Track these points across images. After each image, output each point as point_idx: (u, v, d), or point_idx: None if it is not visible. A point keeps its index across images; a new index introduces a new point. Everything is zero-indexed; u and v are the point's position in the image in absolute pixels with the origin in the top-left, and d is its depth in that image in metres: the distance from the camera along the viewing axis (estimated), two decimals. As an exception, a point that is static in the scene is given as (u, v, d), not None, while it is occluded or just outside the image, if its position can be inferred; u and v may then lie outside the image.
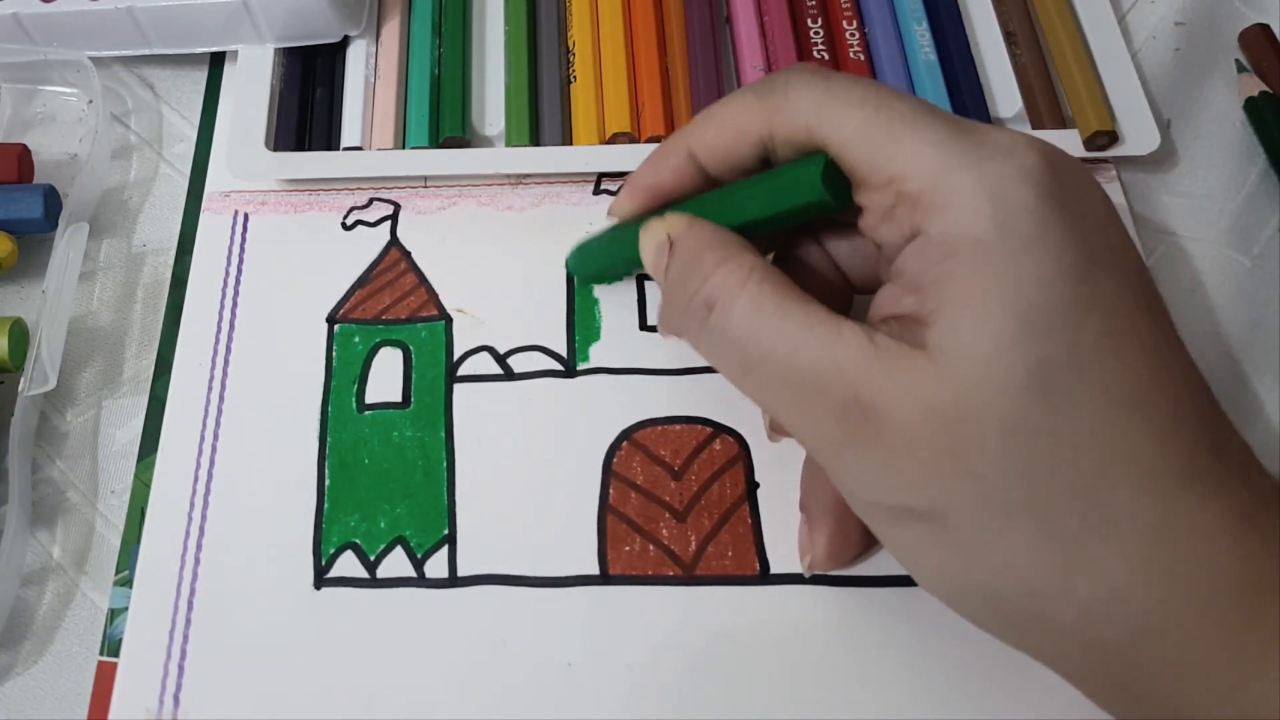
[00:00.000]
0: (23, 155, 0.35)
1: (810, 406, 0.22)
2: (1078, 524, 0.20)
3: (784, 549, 0.29)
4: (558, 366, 0.32)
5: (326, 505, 0.30)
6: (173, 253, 0.35)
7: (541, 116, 0.36)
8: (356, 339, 0.33)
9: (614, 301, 0.33)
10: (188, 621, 0.29)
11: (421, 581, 0.29)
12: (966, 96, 0.35)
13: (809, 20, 0.37)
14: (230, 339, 0.33)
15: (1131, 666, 0.20)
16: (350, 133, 0.35)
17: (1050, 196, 0.20)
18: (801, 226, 0.27)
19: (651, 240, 0.26)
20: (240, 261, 0.34)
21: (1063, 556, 0.20)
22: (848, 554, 0.28)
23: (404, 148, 0.35)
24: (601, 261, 0.32)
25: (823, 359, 0.21)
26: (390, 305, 0.33)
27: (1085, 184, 0.22)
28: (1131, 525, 0.19)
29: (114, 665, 0.28)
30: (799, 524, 0.28)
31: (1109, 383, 0.20)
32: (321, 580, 0.29)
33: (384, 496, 0.30)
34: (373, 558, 0.29)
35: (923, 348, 0.20)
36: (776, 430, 0.30)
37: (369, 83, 0.36)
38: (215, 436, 0.31)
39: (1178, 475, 0.19)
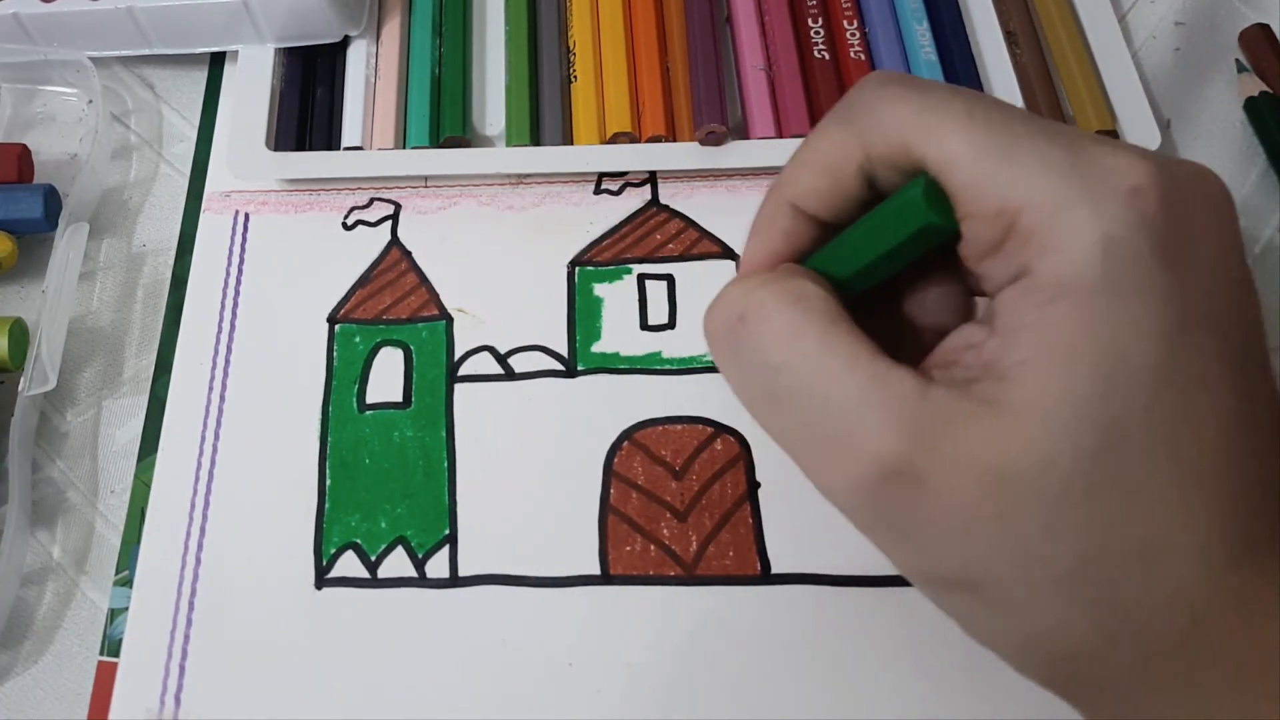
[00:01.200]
0: (23, 155, 0.35)
1: (837, 454, 0.20)
2: (1124, 599, 0.19)
3: (785, 549, 0.29)
4: (559, 366, 0.32)
5: (327, 505, 0.30)
6: (173, 253, 0.35)
7: (542, 116, 0.36)
8: (357, 339, 0.33)
9: (615, 301, 0.33)
10: (188, 621, 0.29)
11: (422, 581, 0.29)
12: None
13: (809, 20, 0.37)
14: (231, 339, 0.33)
15: None
16: (351, 133, 0.35)
17: (1163, 246, 0.18)
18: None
19: None
20: (241, 261, 0.34)
21: (1108, 628, 0.19)
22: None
23: (404, 147, 0.35)
24: None
25: (862, 402, 0.19)
26: (391, 305, 0.33)
27: (1205, 223, 0.19)
28: (1173, 601, 0.19)
29: (114, 665, 0.28)
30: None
31: (1176, 451, 0.18)
32: (322, 580, 0.29)
33: (385, 496, 0.30)
34: (374, 558, 0.29)
35: (991, 403, 0.19)
36: None
37: (369, 82, 0.36)
38: (216, 436, 0.31)
39: (1228, 554, 0.19)
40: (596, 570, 0.29)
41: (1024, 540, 0.19)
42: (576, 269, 0.34)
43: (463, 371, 0.32)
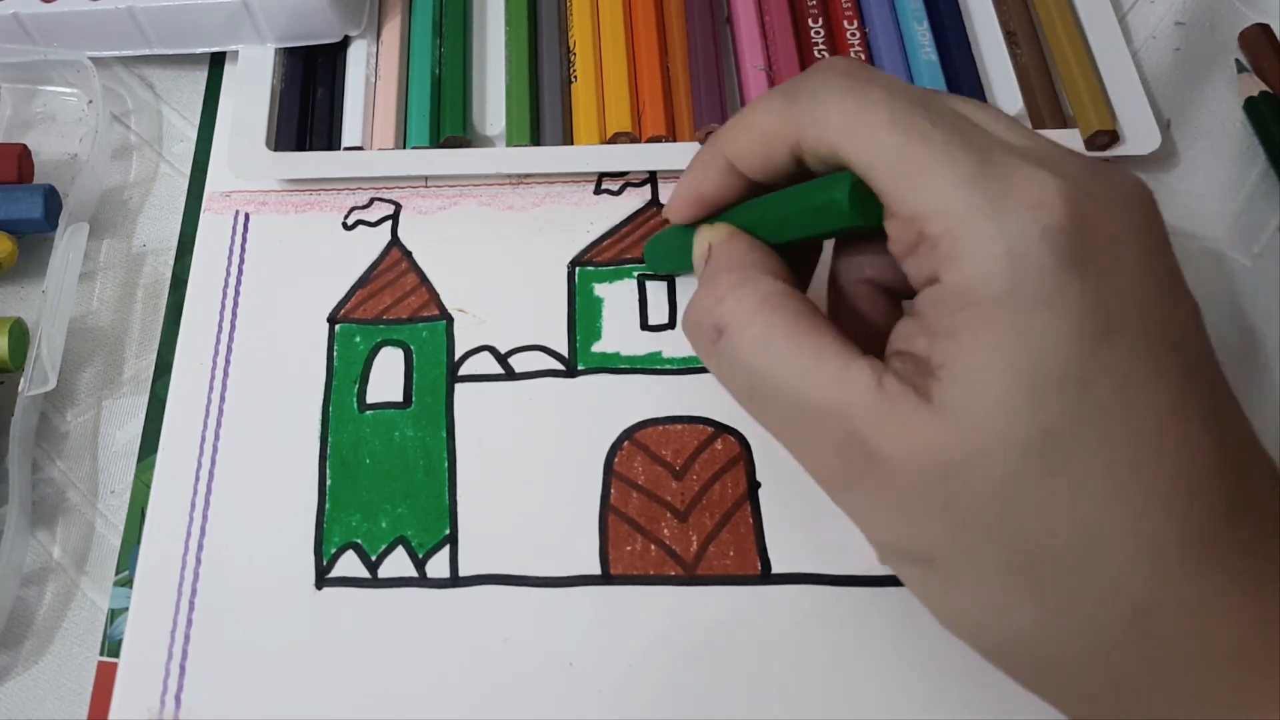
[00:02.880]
0: (23, 155, 0.35)
1: (814, 441, 0.22)
2: (1067, 591, 0.20)
3: (785, 549, 0.29)
4: (559, 366, 0.32)
5: (328, 505, 0.30)
6: (173, 253, 0.35)
7: (542, 116, 0.36)
8: (357, 339, 0.33)
9: (615, 301, 0.33)
10: (189, 622, 0.28)
11: (423, 581, 0.29)
12: (967, 96, 0.35)
13: (809, 20, 0.37)
14: (231, 339, 0.33)
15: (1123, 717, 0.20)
16: (351, 133, 0.35)
17: (1071, 256, 0.19)
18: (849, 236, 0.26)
19: (698, 248, 0.26)
20: (241, 261, 0.34)
21: (1054, 617, 0.20)
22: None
23: (405, 147, 0.35)
24: (668, 255, 0.31)
25: (827, 396, 0.21)
26: (391, 305, 0.33)
27: (1122, 229, 0.20)
28: (1120, 595, 0.19)
29: (114, 665, 0.28)
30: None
31: (1113, 450, 0.19)
32: (323, 580, 0.29)
33: (385, 496, 0.30)
34: (374, 558, 0.29)
35: (928, 400, 0.20)
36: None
37: (370, 82, 0.36)
38: (216, 436, 0.31)
39: (1177, 545, 0.19)
40: (597, 570, 0.29)
41: (968, 528, 0.20)
42: (577, 269, 0.34)
43: (463, 371, 0.32)
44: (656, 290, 0.33)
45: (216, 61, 0.39)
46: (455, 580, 0.29)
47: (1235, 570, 0.19)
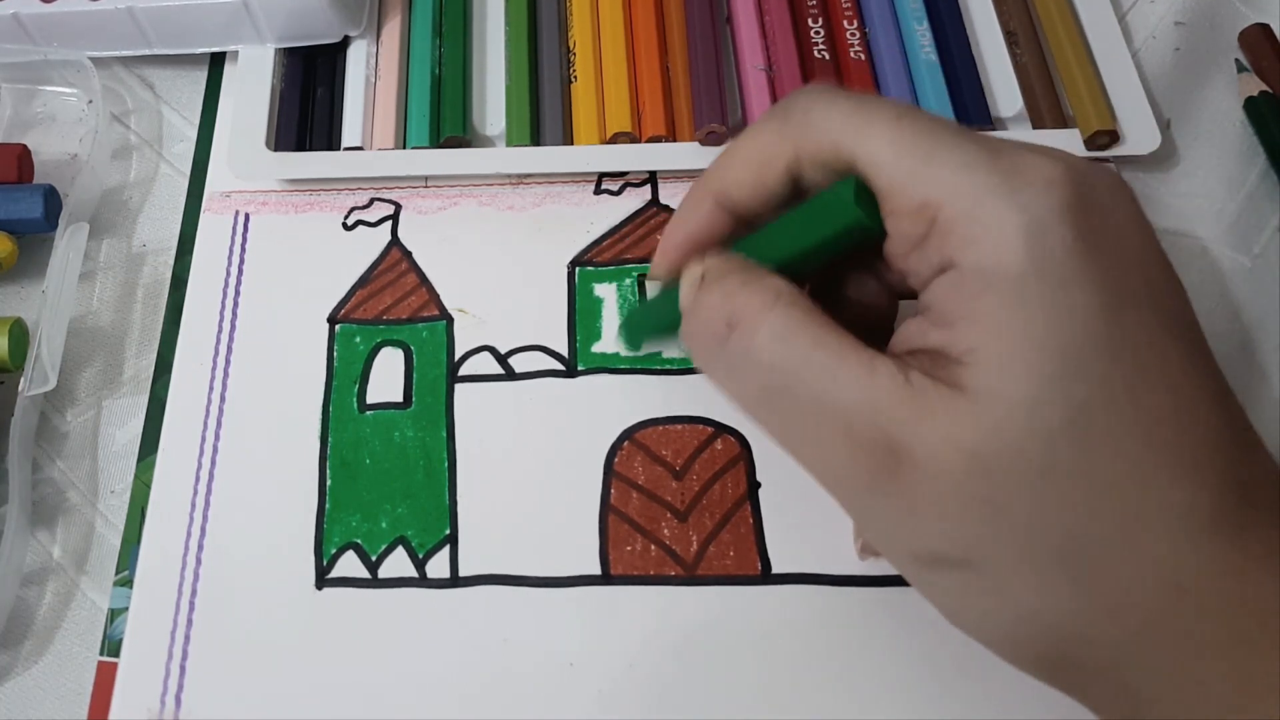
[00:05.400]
0: (23, 155, 0.35)
1: (834, 445, 0.21)
2: (1108, 573, 0.19)
3: (785, 548, 0.29)
4: (559, 366, 0.32)
5: (328, 505, 0.30)
6: (173, 253, 0.35)
7: (542, 116, 0.36)
8: (358, 339, 0.33)
9: (616, 301, 0.33)
10: (189, 622, 0.29)
11: (423, 581, 0.29)
12: (967, 96, 0.35)
13: (809, 20, 0.37)
14: (231, 339, 0.33)
15: (1158, 707, 0.20)
16: (351, 133, 0.35)
17: (1087, 231, 0.19)
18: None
19: (689, 280, 0.24)
20: (241, 261, 0.34)
21: (1094, 604, 0.20)
22: None
23: (405, 148, 0.35)
24: (651, 326, 0.28)
25: (853, 395, 0.20)
26: (391, 305, 0.33)
27: (1122, 212, 0.21)
28: (1160, 571, 0.19)
29: (114, 665, 0.28)
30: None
31: (1141, 424, 0.19)
32: (323, 580, 0.29)
33: (385, 496, 0.30)
34: (374, 558, 0.29)
35: (961, 389, 0.19)
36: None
37: (370, 83, 0.36)
38: (216, 437, 0.31)
39: (1210, 514, 0.19)
40: (597, 570, 0.29)
41: (1010, 520, 0.19)
42: (577, 269, 0.34)
43: (463, 371, 0.32)
44: (657, 290, 0.33)
45: (216, 61, 0.39)
46: (455, 580, 0.29)
47: (1260, 540, 0.19)
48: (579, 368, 0.32)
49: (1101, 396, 0.19)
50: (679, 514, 0.30)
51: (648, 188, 0.35)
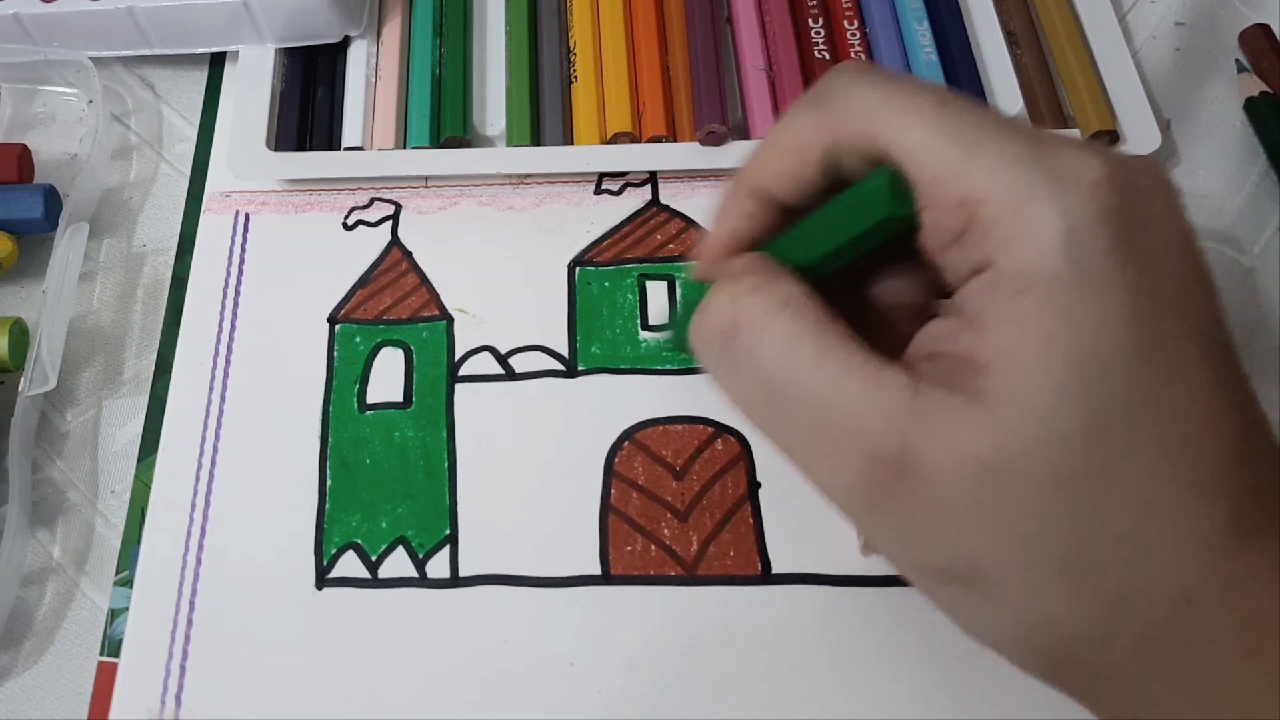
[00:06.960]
0: (23, 155, 0.35)
1: (838, 455, 0.20)
2: (1118, 584, 0.19)
3: (785, 549, 0.29)
4: (559, 366, 0.32)
5: (328, 505, 0.30)
6: (173, 253, 0.35)
7: (542, 116, 0.36)
8: (358, 339, 0.33)
9: (616, 302, 0.33)
10: (189, 622, 0.29)
11: (423, 581, 0.29)
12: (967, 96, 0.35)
13: (810, 20, 0.37)
14: (231, 339, 0.33)
15: (1164, 714, 0.20)
16: (351, 133, 0.35)
17: (1126, 236, 0.19)
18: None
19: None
20: (241, 261, 0.34)
21: (1104, 613, 0.20)
22: None
23: (405, 148, 0.35)
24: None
25: (859, 404, 0.20)
26: (391, 305, 0.33)
27: (1162, 214, 0.20)
28: (1170, 582, 0.19)
29: (114, 665, 0.28)
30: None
31: (1160, 435, 0.19)
32: (323, 580, 0.29)
33: (385, 496, 0.30)
34: (374, 558, 0.29)
35: (976, 396, 0.19)
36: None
37: (370, 83, 0.36)
38: (216, 437, 0.31)
39: (1223, 526, 0.19)
40: (597, 570, 0.29)
41: (1020, 529, 0.19)
42: (577, 269, 0.34)
43: (463, 371, 0.32)
44: (657, 290, 0.33)
45: (216, 61, 0.39)
46: (455, 580, 0.29)
47: (1270, 551, 0.19)
48: (579, 368, 0.32)
49: (1123, 407, 0.19)
50: (679, 514, 0.30)
51: (648, 188, 0.35)
